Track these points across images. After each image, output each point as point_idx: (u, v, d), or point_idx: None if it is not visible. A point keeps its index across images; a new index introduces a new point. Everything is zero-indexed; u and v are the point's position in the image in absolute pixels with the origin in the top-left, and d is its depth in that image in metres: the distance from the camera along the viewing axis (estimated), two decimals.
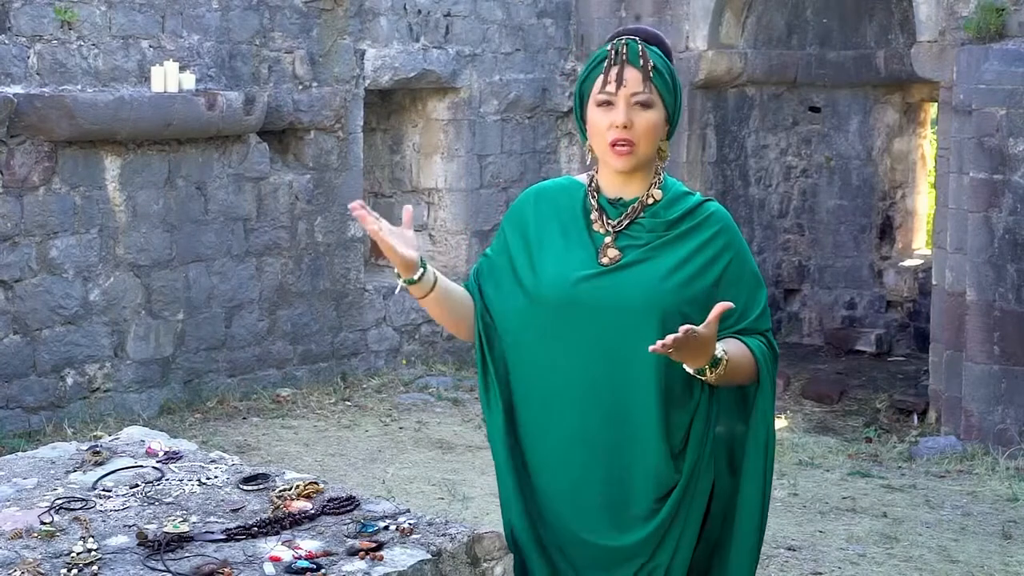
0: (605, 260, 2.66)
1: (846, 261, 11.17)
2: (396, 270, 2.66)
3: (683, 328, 2.46)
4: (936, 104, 10.22)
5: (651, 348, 2.48)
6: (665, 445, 2.65)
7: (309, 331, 9.18)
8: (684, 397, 2.67)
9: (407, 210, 2.68)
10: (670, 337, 2.45)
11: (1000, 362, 7.90)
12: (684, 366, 2.58)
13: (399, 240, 2.61)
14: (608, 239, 2.68)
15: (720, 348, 2.57)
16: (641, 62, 2.63)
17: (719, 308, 2.51)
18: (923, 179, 11.39)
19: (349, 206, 2.61)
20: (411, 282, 2.65)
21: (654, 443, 2.65)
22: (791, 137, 11.17)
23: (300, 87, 8.95)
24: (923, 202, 11.37)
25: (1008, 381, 7.89)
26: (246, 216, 8.73)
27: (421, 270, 2.65)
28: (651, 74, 2.63)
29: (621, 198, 2.71)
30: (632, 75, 2.63)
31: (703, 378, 2.59)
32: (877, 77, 10.89)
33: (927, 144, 11.35)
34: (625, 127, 2.62)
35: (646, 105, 2.64)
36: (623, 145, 2.63)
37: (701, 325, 2.50)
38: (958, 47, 8.34)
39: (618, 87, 2.63)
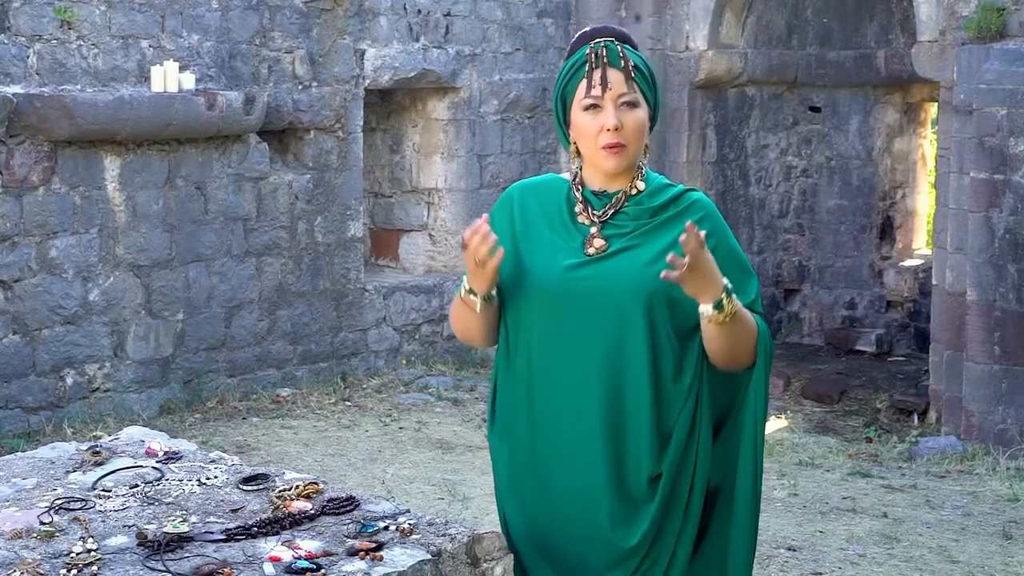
0: (591, 250, 2.69)
1: (846, 261, 11.17)
2: (468, 284, 2.67)
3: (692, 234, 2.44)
4: (936, 104, 10.22)
5: (663, 275, 2.47)
6: (655, 427, 2.65)
7: (309, 331, 9.18)
8: (677, 379, 2.67)
9: (486, 226, 2.67)
10: (677, 257, 2.45)
11: (1000, 362, 7.90)
12: (700, 307, 2.55)
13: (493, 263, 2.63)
14: (594, 229, 2.70)
15: (726, 280, 2.56)
16: (622, 63, 2.66)
17: (689, 225, 2.49)
18: (923, 179, 11.40)
19: (479, 229, 2.60)
20: (487, 299, 2.67)
21: (647, 425, 2.65)
22: (791, 137, 11.17)
23: (300, 87, 8.95)
24: (923, 202, 11.38)
25: (1008, 381, 7.88)
26: (246, 216, 8.73)
27: (496, 288, 2.68)
28: (633, 73, 2.66)
29: (605, 190, 2.74)
30: (615, 77, 2.66)
31: (721, 312, 2.54)
32: (877, 77, 10.89)
33: (927, 144, 11.35)
34: (616, 129, 2.64)
35: (632, 104, 2.67)
36: (615, 146, 2.65)
37: (684, 238, 2.46)
38: (958, 47, 8.34)
39: (604, 90, 2.66)
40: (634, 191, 2.73)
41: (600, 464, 2.67)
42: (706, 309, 2.55)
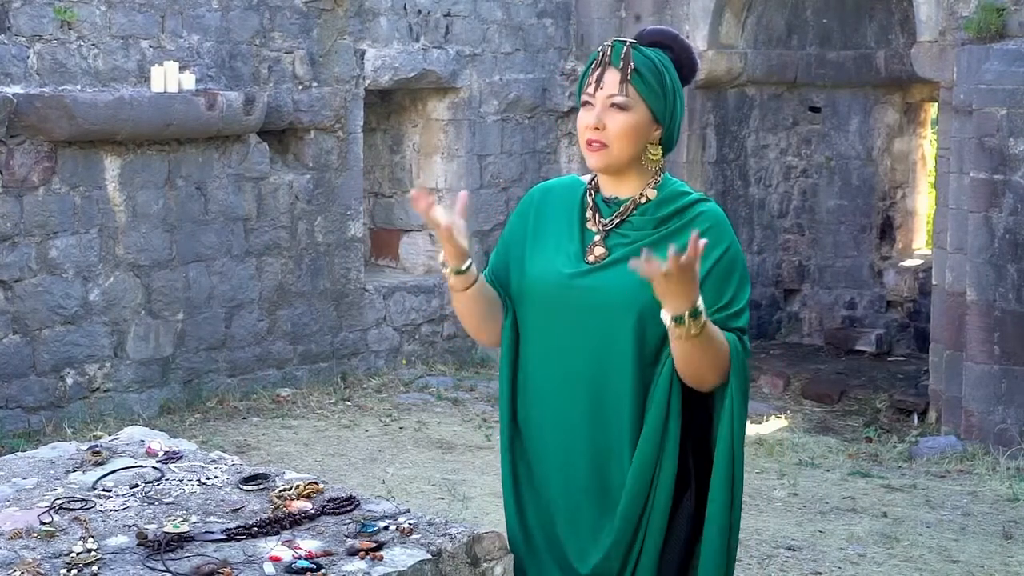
0: (591, 258, 2.68)
1: (846, 261, 11.17)
2: (443, 258, 2.67)
3: (691, 248, 2.37)
4: (936, 104, 10.22)
5: (633, 262, 2.39)
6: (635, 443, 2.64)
7: (309, 331, 9.18)
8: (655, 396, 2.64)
9: (462, 196, 2.65)
10: (667, 262, 2.37)
11: (1000, 362, 7.90)
12: (662, 312, 2.48)
13: (457, 229, 2.61)
14: (597, 237, 2.69)
15: (701, 302, 2.49)
16: (622, 64, 2.64)
17: (695, 235, 2.41)
18: (923, 179, 11.39)
19: (411, 195, 2.61)
20: (459, 272, 2.66)
21: (628, 440, 2.64)
22: (791, 137, 11.17)
23: (300, 87, 8.95)
24: (923, 202, 11.38)
25: (1008, 381, 7.89)
26: (246, 216, 8.73)
27: (469, 260, 2.67)
28: (630, 76, 2.63)
29: (616, 197, 2.73)
30: (611, 77, 2.65)
31: (681, 328, 2.46)
32: (877, 77, 10.89)
33: (927, 144, 11.35)
34: (597, 128, 2.64)
35: (622, 107, 2.64)
36: (595, 143, 2.65)
37: (683, 255, 2.39)
38: (958, 47, 8.34)
39: (596, 89, 2.65)
40: (643, 199, 2.70)
41: (583, 476, 2.67)
42: (665, 317, 2.48)
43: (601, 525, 2.66)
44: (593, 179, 2.78)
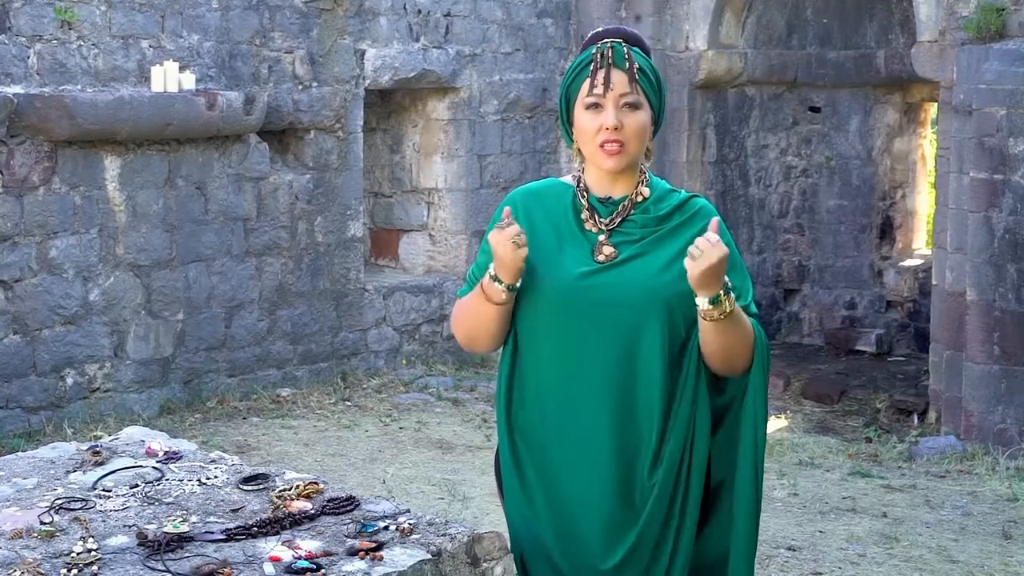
0: (601, 257, 2.69)
1: (846, 261, 11.17)
2: (496, 273, 2.64)
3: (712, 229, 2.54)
4: (936, 104, 10.23)
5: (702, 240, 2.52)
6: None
7: (309, 331, 9.18)
8: (684, 386, 2.67)
9: (508, 213, 2.67)
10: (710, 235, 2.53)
11: (1000, 362, 7.90)
12: (697, 299, 2.57)
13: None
14: (602, 237, 2.70)
15: (727, 279, 2.59)
16: (627, 64, 2.67)
17: (715, 221, 2.58)
18: (923, 179, 11.40)
19: (503, 219, 2.62)
20: (512, 289, 2.66)
21: (657, 434, 2.65)
22: (791, 137, 11.17)
23: (300, 87, 8.95)
24: (923, 202, 11.38)
25: (1008, 381, 7.89)
26: (246, 216, 8.73)
27: (522, 278, 2.67)
28: (637, 76, 2.67)
29: (610, 197, 2.74)
30: (619, 77, 2.67)
31: (718, 308, 2.56)
32: (877, 77, 10.89)
33: (927, 144, 11.35)
34: (616, 129, 2.65)
35: (634, 106, 2.67)
36: (613, 144, 2.66)
37: (705, 235, 2.54)
38: (958, 47, 8.34)
39: (606, 90, 2.66)
40: (639, 198, 2.73)
41: (608, 473, 2.66)
42: (703, 303, 2.57)
43: (625, 520, 2.67)
44: (579, 180, 2.78)
